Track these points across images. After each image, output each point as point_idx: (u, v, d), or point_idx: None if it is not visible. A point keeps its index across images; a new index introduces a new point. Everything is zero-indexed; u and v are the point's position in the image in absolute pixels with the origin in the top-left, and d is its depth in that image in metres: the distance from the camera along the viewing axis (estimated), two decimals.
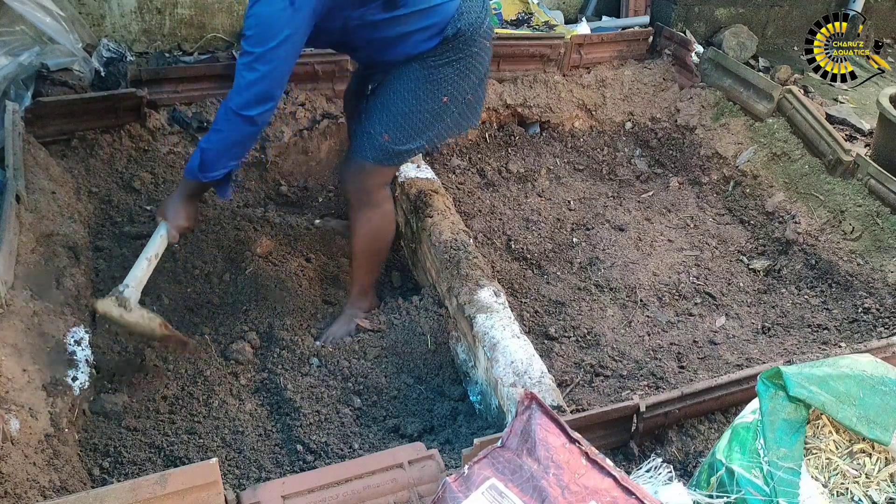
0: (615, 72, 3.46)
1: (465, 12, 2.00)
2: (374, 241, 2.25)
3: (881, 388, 1.30)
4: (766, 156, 2.98)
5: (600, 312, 2.41)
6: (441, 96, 2.05)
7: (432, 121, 2.09)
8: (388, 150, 2.09)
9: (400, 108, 2.05)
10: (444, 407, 2.03)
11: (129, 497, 1.25)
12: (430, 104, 2.05)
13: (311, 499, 1.38)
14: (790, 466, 1.25)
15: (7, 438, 1.50)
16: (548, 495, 1.12)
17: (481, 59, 2.11)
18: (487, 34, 2.10)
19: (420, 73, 2.03)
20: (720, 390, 1.73)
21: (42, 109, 2.47)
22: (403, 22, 1.96)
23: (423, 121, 2.07)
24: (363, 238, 2.23)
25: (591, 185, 3.12)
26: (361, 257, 2.27)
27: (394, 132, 2.06)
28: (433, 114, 2.07)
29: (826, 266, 2.56)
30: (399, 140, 2.08)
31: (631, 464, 1.67)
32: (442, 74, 2.03)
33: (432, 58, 2.01)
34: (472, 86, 2.13)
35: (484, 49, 2.10)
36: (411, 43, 1.99)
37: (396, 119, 2.05)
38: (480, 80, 2.16)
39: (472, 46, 2.04)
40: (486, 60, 2.15)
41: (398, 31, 1.97)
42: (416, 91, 2.04)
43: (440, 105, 2.07)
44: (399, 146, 2.09)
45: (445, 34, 1.98)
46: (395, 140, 2.07)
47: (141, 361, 2.03)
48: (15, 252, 1.92)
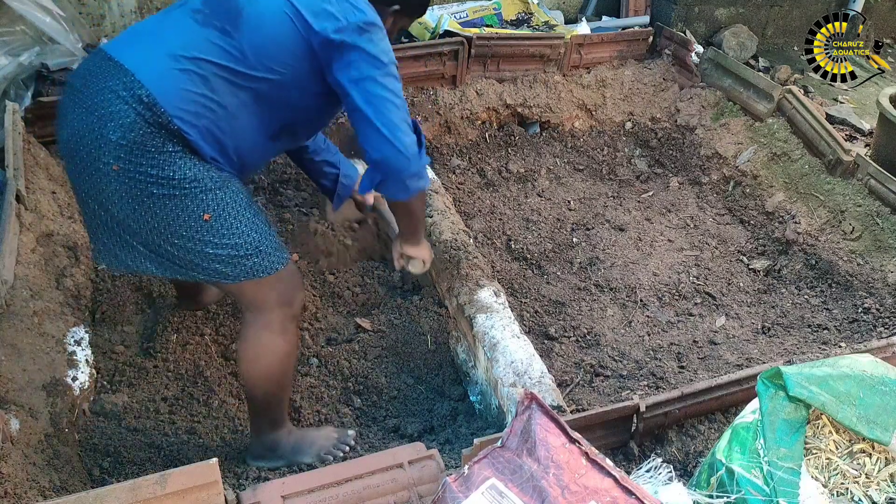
0: (615, 72, 3.46)
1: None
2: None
3: (881, 388, 1.30)
4: (766, 156, 2.98)
5: (600, 312, 2.41)
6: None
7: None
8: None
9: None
10: (444, 407, 2.03)
11: (129, 497, 1.25)
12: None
13: (311, 499, 1.38)
14: (790, 466, 1.25)
15: (7, 438, 1.50)
16: (548, 495, 1.12)
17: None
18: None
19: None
20: (720, 390, 1.73)
21: (42, 109, 2.46)
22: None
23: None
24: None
25: (591, 185, 3.12)
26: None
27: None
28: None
29: (826, 266, 2.56)
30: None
31: (631, 464, 1.66)
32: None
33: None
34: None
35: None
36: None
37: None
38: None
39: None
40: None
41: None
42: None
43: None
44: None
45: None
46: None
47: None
48: (15, 252, 1.92)
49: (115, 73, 1.46)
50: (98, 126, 1.45)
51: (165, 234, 1.51)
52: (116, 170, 1.46)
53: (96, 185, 1.49)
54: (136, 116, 1.44)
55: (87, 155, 1.47)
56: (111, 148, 1.45)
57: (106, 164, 1.46)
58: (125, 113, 1.44)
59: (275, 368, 1.69)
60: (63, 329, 1.91)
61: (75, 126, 1.48)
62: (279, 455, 1.80)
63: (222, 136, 1.55)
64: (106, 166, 1.46)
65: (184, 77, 1.46)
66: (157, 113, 1.44)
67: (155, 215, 1.49)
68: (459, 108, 3.14)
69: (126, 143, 1.44)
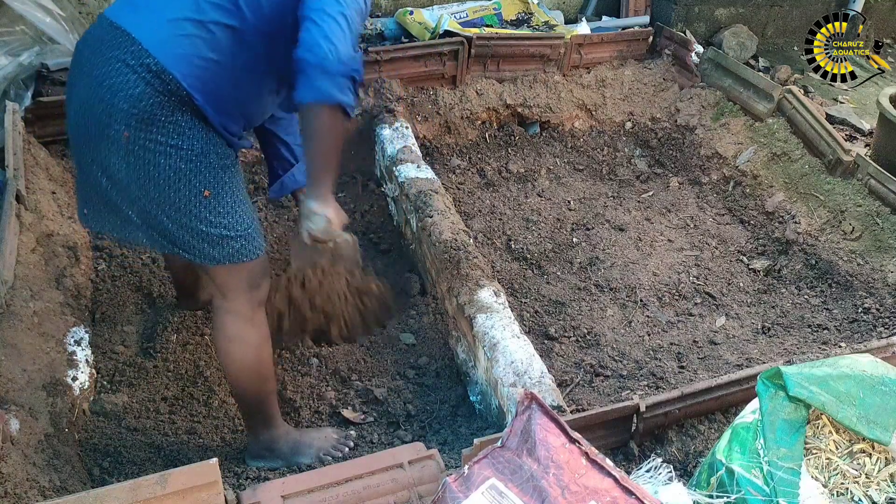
0: (615, 72, 3.46)
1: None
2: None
3: (881, 388, 1.30)
4: (766, 156, 2.98)
5: (600, 312, 2.41)
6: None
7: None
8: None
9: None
10: (444, 407, 2.03)
11: (129, 497, 1.25)
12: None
13: (311, 499, 1.38)
14: (790, 466, 1.25)
15: (7, 438, 1.50)
16: (548, 495, 1.12)
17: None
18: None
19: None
20: (720, 390, 1.73)
21: (42, 109, 2.47)
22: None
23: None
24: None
25: (591, 185, 3.12)
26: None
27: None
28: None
29: (826, 266, 2.56)
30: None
31: (631, 464, 1.66)
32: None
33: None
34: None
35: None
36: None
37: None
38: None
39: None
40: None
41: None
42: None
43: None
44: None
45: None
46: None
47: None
48: (15, 252, 1.92)
49: (122, 41, 1.47)
50: (108, 96, 1.46)
51: (164, 205, 1.52)
52: (127, 136, 1.47)
53: (104, 152, 1.50)
54: (145, 86, 1.45)
55: (98, 123, 1.48)
56: (122, 116, 1.46)
57: (117, 131, 1.47)
58: (135, 83, 1.45)
59: (248, 356, 1.69)
60: (63, 329, 1.91)
61: (84, 96, 1.50)
62: (277, 455, 1.81)
63: (227, 98, 1.56)
64: (117, 133, 1.47)
65: (187, 42, 1.47)
66: (166, 80, 1.45)
67: (158, 184, 1.51)
68: (459, 108, 3.15)
69: (137, 111, 1.46)
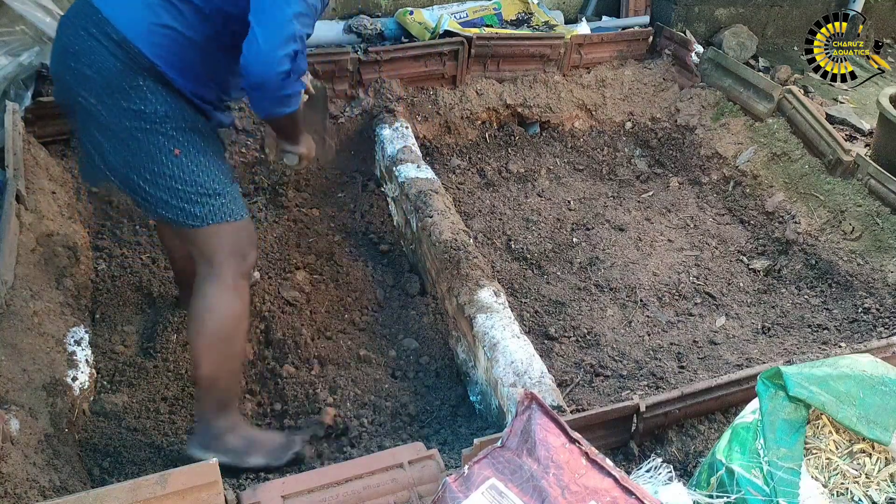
0: (615, 72, 3.46)
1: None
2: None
3: (881, 388, 1.30)
4: (766, 156, 2.98)
5: (600, 312, 2.41)
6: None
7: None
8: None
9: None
10: (444, 407, 2.03)
11: (129, 497, 1.25)
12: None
13: (311, 499, 1.38)
14: (790, 466, 1.25)
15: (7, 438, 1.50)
16: (548, 495, 1.12)
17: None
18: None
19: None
20: (720, 390, 1.73)
21: (42, 109, 2.46)
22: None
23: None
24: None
25: (591, 185, 3.12)
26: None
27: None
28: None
29: (826, 266, 2.56)
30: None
31: (631, 464, 1.66)
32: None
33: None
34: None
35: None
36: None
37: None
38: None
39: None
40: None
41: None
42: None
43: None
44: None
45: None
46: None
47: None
48: (15, 252, 1.92)
49: (88, 12, 1.53)
50: (75, 64, 1.53)
51: (139, 170, 1.58)
52: (94, 104, 1.54)
53: (80, 120, 1.59)
54: (108, 54, 1.51)
55: (70, 91, 1.56)
56: (88, 84, 1.53)
57: (84, 98, 1.54)
58: (97, 51, 1.51)
59: (225, 328, 1.67)
60: (63, 329, 1.91)
61: (55, 66, 1.59)
62: (228, 448, 1.72)
63: (197, 66, 1.60)
64: (85, 101, 1.54)
65: (149, 12, 1.52)
66: (127, 49, 1.51)
67: (128, 148, 1.56)
68: (459, 108, 3.14)
69: (101, 79, 1.52)
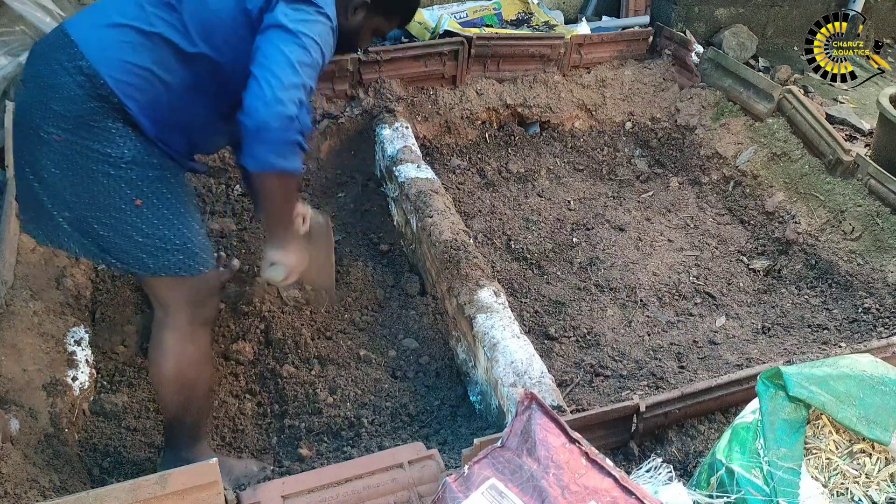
0: (615, 72, 3.46)
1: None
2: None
3: (881, 388, 1.30)
4: (766, 156, 2.98)
5: (600, 312, 2.41)
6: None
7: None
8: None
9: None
10: (444, 407, 2.03)
11: (129, 497, 1.25)
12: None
13: (311, 499, 1.38)
14: (790, 466, 1.25)
15: (7, 438, 1.50)
16: (548, 495, 1.12)
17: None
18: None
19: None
20: (720, 390, 1.73)
21: None
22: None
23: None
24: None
25: (591, 185, 3.12)
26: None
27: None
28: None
29: (826, 266, 2.56)
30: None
31: (631, 464, 1.66)
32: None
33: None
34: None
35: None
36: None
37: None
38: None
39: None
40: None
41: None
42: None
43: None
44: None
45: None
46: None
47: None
48: (15, 252, 1.92)
49: (63, 43, 1.46)
50: (42, 97, 1.46)
51: (97, 212, 1.49)
52: (59, 140, 1.46)
53: (36, 154, 1.48)
54: (77, 88, 1.43)
55: (32, 123, 1.48)
56: (55, 119, 1.45)
57: (48, 133, 1.46)
58: (68, 85, 1.44)
59: (183, 374, 1.63)
60: (63, 329, 1.91)
61: (24, 96, 1.51)
62: None
63: (168, 113, 1.52)
64: (48, 136, 1.46)
65: (127, 48, 1.45)
66: (97, 84, 1.43)
67: (89, 190, 1.48)
68: (459, 108, 3.14)
69: (69, 115, 1.44)
